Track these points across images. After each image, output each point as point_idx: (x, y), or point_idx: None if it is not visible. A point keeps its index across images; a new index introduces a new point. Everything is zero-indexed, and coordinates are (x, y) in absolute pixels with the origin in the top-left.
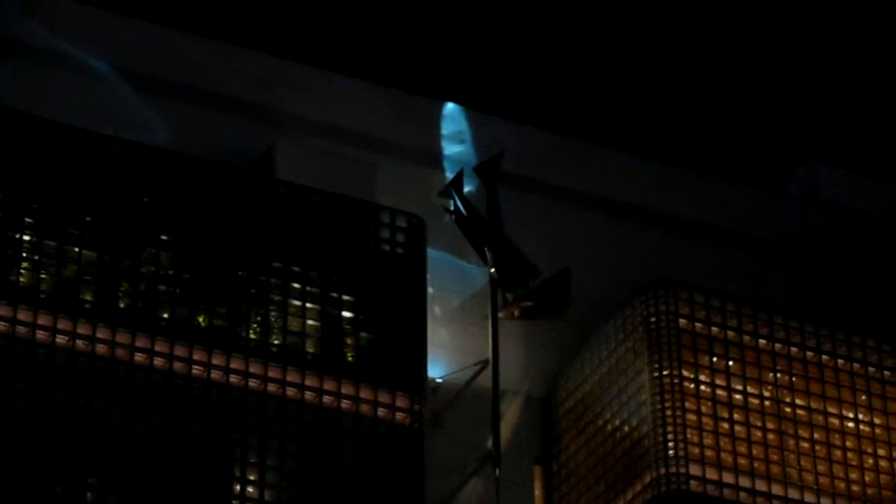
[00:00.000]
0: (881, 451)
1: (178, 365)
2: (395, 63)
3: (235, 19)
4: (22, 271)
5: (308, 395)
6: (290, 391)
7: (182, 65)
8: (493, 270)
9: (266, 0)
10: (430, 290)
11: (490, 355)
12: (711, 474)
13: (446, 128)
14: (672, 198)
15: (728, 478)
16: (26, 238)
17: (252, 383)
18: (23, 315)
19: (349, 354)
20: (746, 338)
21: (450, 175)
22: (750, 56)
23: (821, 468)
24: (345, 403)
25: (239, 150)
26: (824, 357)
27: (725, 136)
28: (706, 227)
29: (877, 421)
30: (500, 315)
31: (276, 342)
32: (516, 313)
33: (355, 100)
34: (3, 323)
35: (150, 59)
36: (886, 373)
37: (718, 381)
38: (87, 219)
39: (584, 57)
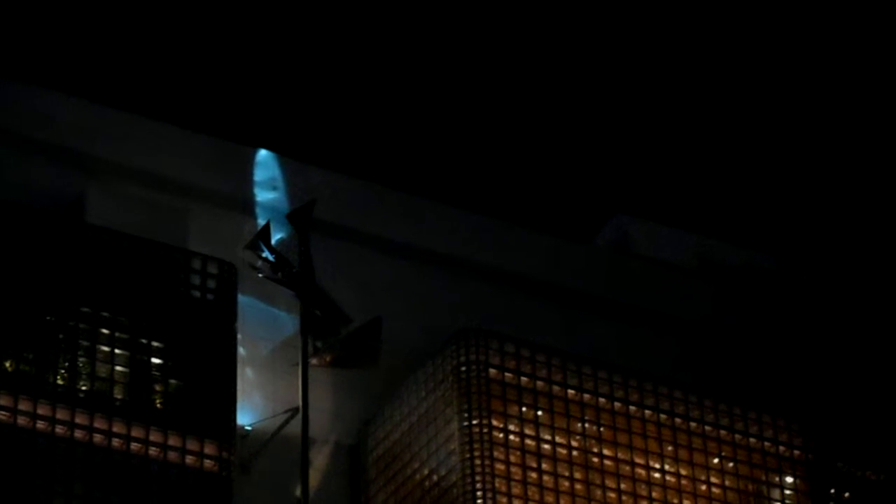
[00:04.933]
0: (686, 502)
1: None
2: (207, 109)
3: (49, 63)
4: None
5: (115, 441)
6: (97, 438)
7: None
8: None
9: (79, 45)
10: (240, 336)
11: (300, 403)
12: None
13: (259, 175)
14: (483, 248)
15: None
16: None
17: (59, 430)
18: None
19: (158, 401)
20: (555, 388)
21: (262, 222)
22: (559, 108)
23: None
24: (153, 450)
25: (50, 195)
26: (632, 408)
27: (537, 187)
28: (517, 278)
29: (682, 472)
30: (311, 362)
31: (83, 388)
32: (327, 360)
33: (168, 146)
34: None
35: None
36: (692, 424)
37: (527, 431)
38: None
39: (396, 107)
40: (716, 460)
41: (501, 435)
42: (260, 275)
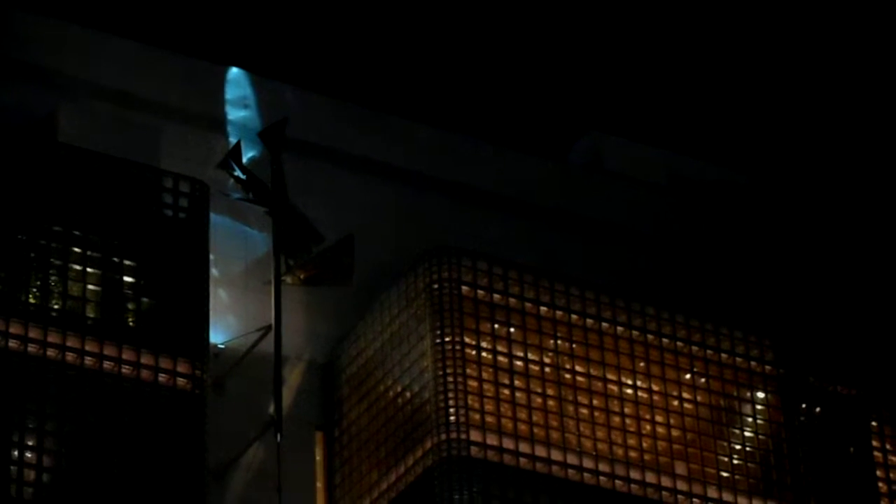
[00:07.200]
0: (658, 418)
1: None
2: (179, 27)
3: None
4: None
5: (88, 360)
6: (70, 356)
7: None
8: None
9: None
10: (212, 256)
11: (273, 321)
12: (492, 440)
13: (231, 93)
14: (457, 166)
15: (508, 444)
16: None
17: (31, 348)
18: None
19: (130, 320)
20: (528, 305)
21: (234, 140)
22: (534, 23)
23: (599, 434)
24: (125, 369)
25: (21, 113)
26: (604, 325)
27: (510, 104)
28: (490, 196)
29: (654, 388)
30: (284, 281)
31: (55, 307)
32: (300, 278)
33: (139, 64)
34: None
35: None
36: (664, 340)
37: (500, 348)
38: None
39: (368, 24)
40: (688, 376)
41: (474, 352)
42: (231, 194)
